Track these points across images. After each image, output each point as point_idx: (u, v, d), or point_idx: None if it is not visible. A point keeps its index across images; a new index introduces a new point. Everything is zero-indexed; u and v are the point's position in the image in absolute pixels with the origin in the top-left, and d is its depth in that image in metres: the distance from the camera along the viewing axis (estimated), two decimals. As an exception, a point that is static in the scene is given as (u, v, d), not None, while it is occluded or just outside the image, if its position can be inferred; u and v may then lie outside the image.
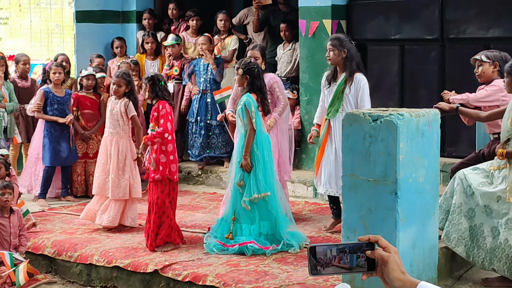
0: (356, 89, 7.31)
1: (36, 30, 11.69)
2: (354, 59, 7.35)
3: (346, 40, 7.40)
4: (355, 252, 2.40)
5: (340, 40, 7.36)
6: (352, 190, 5.68)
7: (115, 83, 7.99)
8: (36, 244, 7.66)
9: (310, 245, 2.39)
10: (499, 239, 6.00)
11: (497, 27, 8.48)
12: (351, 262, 2.40)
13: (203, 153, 10.11)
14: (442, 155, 8.34)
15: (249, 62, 7.28)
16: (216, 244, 6.99)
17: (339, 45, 7.31)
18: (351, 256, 2.40)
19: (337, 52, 7.32)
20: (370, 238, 2.41)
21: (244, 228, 7.00)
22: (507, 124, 6.07)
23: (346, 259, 2.40)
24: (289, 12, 10.47)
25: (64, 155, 9.17)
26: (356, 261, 2.40)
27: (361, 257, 2.40)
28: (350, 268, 2.40)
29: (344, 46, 7.32)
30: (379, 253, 2.39)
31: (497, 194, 6.04)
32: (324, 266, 2.39)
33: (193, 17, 10.83)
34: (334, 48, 7.32)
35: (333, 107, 7.40)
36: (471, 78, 7.37)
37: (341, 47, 7.31)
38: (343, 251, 2.40)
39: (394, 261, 2.36)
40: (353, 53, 7.35)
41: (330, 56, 7.37)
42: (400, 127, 5.44)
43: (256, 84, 7.21)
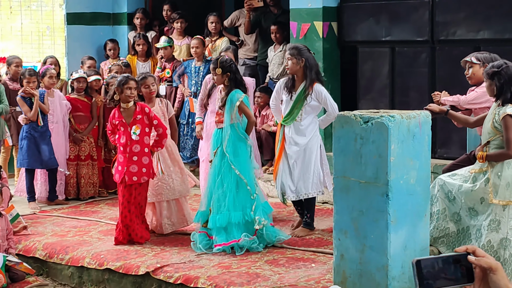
0: (318, 100, 7.43)
1: (27, 32, 11.67)
2: (313, 68, 7.44)
3: (304, 50, 7.51)
4: (456, 263, 2.36)
5: (299, 49, 7.47)
6: (343, 192, 5.69)
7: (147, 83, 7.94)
8: (27, 246, 7.65)
9: (416, 260, 2.33)
10: (482, 241, 6.05)
11: (487, 29, 8.51)
12: (455, 274, 2.35)
13: (194, 155, 10.11)
14: (433, 156, 8.34)
15: (225, 59, 7.32)
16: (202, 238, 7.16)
17: (297, 54, 7.42)
18: (454, 267, 2.35)
19: (295, 61, 7.41)
20: (468, 248, 2.35)
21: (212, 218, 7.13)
22: (488, 127, 6.12)
23: (451, 271, 2.35)
24: (280, 14, 10.50)
25: (45, 158, 9.05)
26: (460, 272, 2.36)
27: (461, 268, 2.35)
28: (456, 279, 2.35)
29: (302, 55, 7.42)
30: (486, 261, 2.32)
31: (480, 195, 6.08)
32: (434, 279, 2.33)
33: (178, 19, 10.84)
34: (293, 57, 7.42)
35: (291, 116, 7.49)
36: (461, 79, 7.40)
37: (299, 56, 7.41)
38: (448, 262, 2.35)
39: (502, 269, 2.29)
40: (311, 62, 7.45)
41: (289, 65, 7.46)
42: (391, 129, 5.44)
43: (238, 78, 7.30)
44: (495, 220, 6.02)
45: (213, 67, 7.31)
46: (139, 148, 7.33)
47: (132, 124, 7.33)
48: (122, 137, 7.38)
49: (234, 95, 7.21)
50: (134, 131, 7.30)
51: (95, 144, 9.69)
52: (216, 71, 7.25)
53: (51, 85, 9.23)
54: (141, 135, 7.33)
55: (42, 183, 9.34)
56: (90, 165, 9.60)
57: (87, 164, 9.58)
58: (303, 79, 7.45)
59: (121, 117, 7.39)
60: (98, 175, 9.65)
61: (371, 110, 5.84)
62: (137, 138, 7.32)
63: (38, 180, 9.32)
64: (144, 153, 7.34)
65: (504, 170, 6.01)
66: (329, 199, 8.71)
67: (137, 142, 7.33)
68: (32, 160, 9.03)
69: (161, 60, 10.66)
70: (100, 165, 9.72)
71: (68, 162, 9.49)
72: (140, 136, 7.33)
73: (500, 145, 6.04)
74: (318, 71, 7.55)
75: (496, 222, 6.01)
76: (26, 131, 9.03)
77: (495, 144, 6.07)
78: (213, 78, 7.39)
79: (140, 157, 7.32)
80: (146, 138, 7.37)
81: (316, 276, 6.31)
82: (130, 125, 7.34)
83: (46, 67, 9.44)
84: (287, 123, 7.51)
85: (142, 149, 7.33)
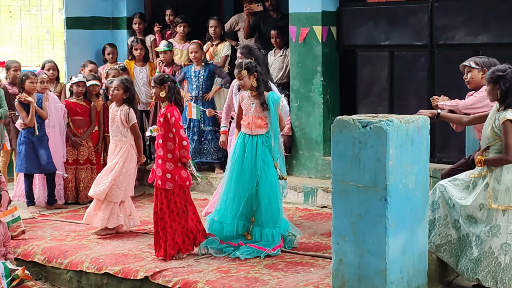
0: None
1: (26, 36, 11.68)
2: (261, 66, 7.43)
3: (254, 49, 7.72)
4: None
5: (249, 49, 7.70)
6: (342, 196, 5.69)
7: (114, 86, 7.97)
8: (26, 251, 7.65)
9: None
10: (483, 248, 6.04)
11: (486, 33, 8.51)
12: None
13: (194, 158, 10.12)
14: (432, 161, 8.35)
15: (248, 61, 7.18)
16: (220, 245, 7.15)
17: (247, 53, 7.63)
18: None
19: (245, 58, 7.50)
20: None
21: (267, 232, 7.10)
22: (487, 132, 6.11)
23: None
24: (279, 18, 10.51)
25: (43, 163, 9.06)
26: None
27: None
28: None
29: (252, 54, 7.60)
30: None
31: (480, 201, 6.08)
32: None
33: (181, 24, 10.84)
34: (243, 56, 7.62)
35: None
36: (460, 84, 7.40)
37: (249, 55, 7.57)
38: None
39: None
40: (260, 61, 7.52)
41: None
42: (389, 133, 5.45)
43: (264, 80, 7.18)
44: (496, 226, 6.01)
45: (237, 71, 7.12)
46: (162, 152, 7.05)
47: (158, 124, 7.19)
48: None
49: (273, 96, 7.13)
50: (155, 131, 7.21)
51: (94, 148, 9.69)
52: (242, 74, 7.08)
53: (43, 90, 9.22)
54: (164, 140, 7.04)
55: (40, 188, 9.35)
56: (89, 169, 9.61)
57: (86, 168, 9.59)
58: None
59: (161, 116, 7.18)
60: (97, 179, 9.65)
61: (369, 114, 5.86)
62: (160, 142, 7.07)
63: (37, 185, 9.33)
64: (167, 158, 7.01)
65: (503, 175, 6.01)
66: (328, 203, 8.71)
67: (161, 145, 7.06)
68: (30, 165, 9.04)
69: (160, 65, 10.67)
70: (99, 170, 9.70)
71: (66, 166, 9.50)
72: (163, 140, 7.05)
73: (499, 150, 6.04)
74: (267, 69, 7.76)
75: (496, 228, 6.01)
76: (24, 136, 9.04)
77: (495, 149, 6.07)
78: (240, 83, 7.17)
79: (164, 161, 7.03)
80: (169, 143, 7.02)
81: (315, 281, 6.31)
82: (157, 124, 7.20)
83: (38, 72, 9.44)
84: None
85: (165, 154, 7.03)
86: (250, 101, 7.20)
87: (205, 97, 10.08)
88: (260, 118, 7.14)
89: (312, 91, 9.52)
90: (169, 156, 7.02)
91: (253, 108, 7.16)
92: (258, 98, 7.13)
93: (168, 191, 7.03)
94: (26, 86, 9.01)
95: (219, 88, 10.15)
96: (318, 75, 9.54)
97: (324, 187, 9.00)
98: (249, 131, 7.18)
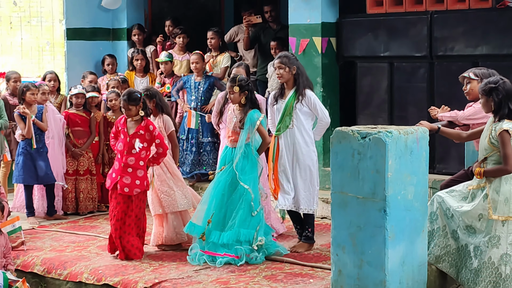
0: (308, 105, 7.45)
1: (26, 47, 11.70)
2: (304, 75, 7.53)
3: (293, 58, 7.59)
4: None
5: (289, 58, 7.54)
6: (341, 208, 5.70)
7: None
8: (26, 262, 7.64)
9: None
10: (483, 259, 6.04)
11: (485, 45, 8.53)
12: None
13: (194, 170, 10.13)
14: (432, 172, 8.37)
15: (243, 78, 7.33)
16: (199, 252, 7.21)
17: (289, 62, 7.49)
18: None
19: (287, 69, 7.46)
20: None
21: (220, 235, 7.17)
22: (484, 143, 6.13)
23: None
24: (279, 29, 10.53)
25: (42, 174, 9.06)
26: None
27: None
28: None
29: (293, 63, 7.50)
30: None
31: (479, 212, 6.08)
32: None
33: (180, 35, 10.85)
34: (284, 65, 7.47)
35: (282, 123, 7.49)
36: (460, 95, 7.41)
37: (290, 64, 7.48)
38: None
39: None
40: (302, 70, 7.55)
41: (281, 73, 7.49)
42: (388, 144, 5.46)
43: (253, 98, 7.33)
44: (495, 236, 6.02)
45: (230, 85, 7.26)
46: (134, 161, 7.34)
47: (133, 136, 7.35)
48: (120, 144, 7.43)
49: (253, 115, 7.23)
50: (137, 143, 7.30)
51: (94, 159, 9.70)
52: (233, 89, 7.22)
53: (44, 101, 9.24)
54: (140, 150, 7.35)
55: (39, 198, 9.35)
56: (89, 180, 9.61)
57: (86, 179, 9.59)
58: (293, 86, 7.49)
59: (125, 126, 7.43)
60: (97, 190, 9.66)
61: (368, 125, 5.86)
62: (134, 152, 7.34)
63: (36, 196, 9.33)
64: (139, 166, 7.36)
65: (502, 186, 6.02)
66: (328, 214, 8.70)
67: (134, 155, 7.36)
68: (27, 176, 9.04)
69: (160, 76, 10.68)
70: (99, 180, 9.72)
71: (66, 177, 9.49)
72: (139, 151, 7.36)
73: (497, 160, 6.05)
74: (308, 78, 7.64)
75: (496, 238, 6.01)
76: (23, 147, 9.05)
77: (493, 160, 6.08)
78: (230, 96, 7.32)
79: (134, 169, 7.34)
80: (143, 152, 7.37)
81: (314, 292, 6.31)
82: (131, 137, 7.35)
83: (39, 83, 9.46)
84: (280, 132, 7.50)
85: (137, 162, 7.35)
86: (233, 114, 7.37)
87: (204, 108, 10.09)
88: (238, 133, 7.30)
89: (312, 102, 9.52)
90: (141, 163, 7.36)
91: (234, 122, 7.34)
92: (240, 115, 7.28)
93: (133, 196, 7.36)
94: (27, 97, 9.03)
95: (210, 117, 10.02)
96: (318, 86, 9.56)
97: (324, 198, 8.99)
98: (230, 144, 7.40)
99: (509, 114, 6.05)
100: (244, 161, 7.27)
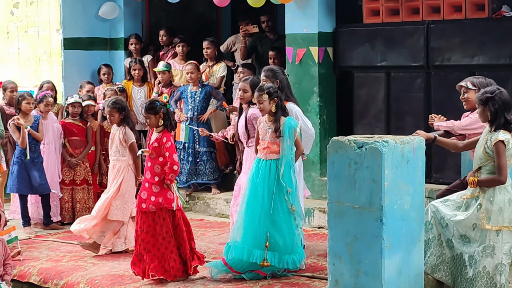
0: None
1: (24, 57, 11.71)
2: (285, 89, 7.53)
3: (279, 72, 7.63)
4: None
5: (273, 72, 7.60)
6: (337, 217, 5.69)
7: (107, 113, 8.01)
8: (22, 271, 7.63)
9: None
10: (478, 268, 6.04)
11: (482, 55, 8.54)
12: None
13: (190, 179, 10.13)
14: (429, 181, 8.37)
15: (270, 85, 7.11)
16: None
17: (272, 76, 7.54)
18: None
19: (270, 82, 7.44)
20: None
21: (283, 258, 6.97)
22: (479, 152, 6.13)
23: None
24: (276, 39, 10.55)
25: (36, 184, 9.05)
26: None
27: None
28: None
29: (276, 77, 7.54)
30: None
31: (473, 222, 6.08)
32: None
33: (179, 44, 10.87)
34: (267, 79, 7.53)
35: None
36: (457, 104, 7.42)
37: (273, 78, 7.52)
38: None
39: None
40: (284, 84, 7.55)
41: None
42: (385, 154, 5.46)
43: (283, 106, 7.13)
44: (489, 246, 6.01)
45: (259, 94, 7.03)
46: (150, 175, 7.03)
47: (149, 148, 7.10)
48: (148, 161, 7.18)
49: (290, 121, 7.01)
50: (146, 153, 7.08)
51: (91, 168, 9.69)
52: (262, 97, 6.99)
53: (46, 113, 9.26)
54: (153, 163, 7.03)
55: (33, 204, 9.33)
56: (85, 189, 9.60)
57: (82, 188, 9.58)
58: None
59: (149, 139, 7.20)
60: (93, 199, 9.64)
61: (365, 135, 5.86)
62: (148, 164, 7.05)
63: (29, 202, 9.30)
64: (154, 181, 6.98)
65: (496, 196, 6.02)
66: (325, 224, 8.69)
67: (149, 168, 7.04)
68: (21, 186, 9.04)
69: (158, 85, 10.68)
70: (95, 190, 9.71)
71: (63, 187, 9.49)
72: (152, 164, 7.03)
73: (491, 170, 6.05)
74: (291, 92, 7.70)
75: (490, 248, 6.01)
76: (17, 157, 9.06)
77: (487, 170, 6.08)
78: (259, 106, 7.06)
79: (150, 184, 7.02)
80: (157, 166, 7.00)
81: (311, 302, 6.29)
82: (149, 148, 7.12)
83: (44, 94, 9.45)
84: None
85: (152, 177, 7.02)
86: (267, 125, 7.09)
87: (200, 118, 10.09)
88: (276, 143, 7.01)
89: (308, 111, 9.53)
90: (156, 179, 6.98)
91: (269, 133, 7.07)
92: (274, 124, 7.04)
93: (153, 213, 6.98)
94: (23, 107, 9.04)
95: (214, 110, 10.16)
96: (314, 96, 9.57)
97: (320, 208, 8.99)
98: (264, 156, 7.06)
99: (505, 124, 6.06)
100: (289, 171, 6.99)
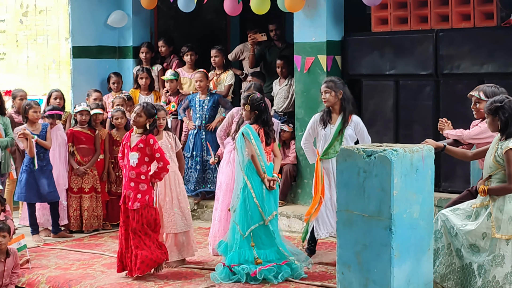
0: (355, 130, 7.72)
1: (33, 65, 11.74)
2: (350, 100, 7.76)
3: (340, 83, 7.79)
4: None
5: (335, 82, 7.74)
6: (346, 226, 5.68)
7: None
8: (31, 280, 7.63)
9: None
10: (487, 277, 6.01)
11: (491, 63, 8.53)
12: None
13: (198, 188, 10.12)
14: (437, 190, 8.35)
15: (255, 97, 7.41)
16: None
17: (335, 87, 7.70)
18: None
19: (333, 94, 7.67)
20: None
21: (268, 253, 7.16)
22: (489, 161, 6.11)
23: None
24: (284, 47, 10.55)
25: (44, 192, 9.05)
26: None
27: None
28: None
29: (339, 88, 7.70)
30: None
31: (482, 231, 6.06)
32: None
33: (188, 52, 10.89)
34: (330, 90, 7.69)
35: (331, 149, 7.66)
36: (466, 113, 7.40)
37: (336, 89, 7.69)
38: None
39: None
40: (348, 95, 7.75)
41: (327, 98, 7.70)
42: (394, 162, 5.45)
43: (262, 118, 7.39)
44: (499, 255, 5.99)
45: (243, 102, 7.46)
46: (135, 175, 7.37)
47: (133, 150, 7.40)
48: (125, 159, 7.51)
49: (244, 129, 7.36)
50: (133, 156, 7.36)
51: (99, 176, 9.70)
52: (245, 107, 7.41)
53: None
54: (139, 163, 7.37)
55: (39, 209, 9.33)
56: (94, 197, 9.60)
57: (90, 196, 9.58)
58: (340, 111, 7.70)
59: (128, 140, 7.50)
60: (102, 208, 9.65)
61: (374, 144, 5.86)
62: (133, 164, 7.36)
63: (36, 206, 9.29)
64: (140, 180, 7.37)
65: (506, 204, 6.00)
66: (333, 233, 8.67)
67: (133, 168, 7.37)
68: (30, 194, 9.05)
69: (165, 94, 10.69)
70: (104, 198, 9.72)
71: (71, 195, 9.50)
72: (138, 164, 7.37)
73: (502, 179, 6.03)
74: (354, 103, 7.86)
75: (500, 257, 5.98)
76: (26, 165, 9.07)
77: (497, 178, 6.06)
78: (242, 112, 7.55)
79: (137, 183, 7.37)
80: (144, 167, 7.39)
81: (320, 311, 6.27)
82: (131, 150, 7.41)
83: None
84: (328, 157, 7.66)
85: (138, 176, 7.37)
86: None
87: (208, 126, 10.09)
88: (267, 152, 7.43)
89: (317, 120, 9.51)
90: (142, 177, 7.38)
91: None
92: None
93: (137, 211, 7.33)
94: (30, 115, 9.07)
95: (222, 118, 10.14)
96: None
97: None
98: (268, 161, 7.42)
99: None
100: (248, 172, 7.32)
